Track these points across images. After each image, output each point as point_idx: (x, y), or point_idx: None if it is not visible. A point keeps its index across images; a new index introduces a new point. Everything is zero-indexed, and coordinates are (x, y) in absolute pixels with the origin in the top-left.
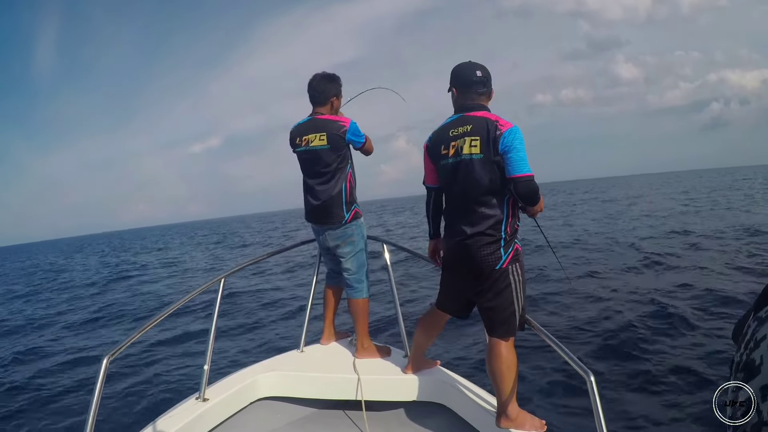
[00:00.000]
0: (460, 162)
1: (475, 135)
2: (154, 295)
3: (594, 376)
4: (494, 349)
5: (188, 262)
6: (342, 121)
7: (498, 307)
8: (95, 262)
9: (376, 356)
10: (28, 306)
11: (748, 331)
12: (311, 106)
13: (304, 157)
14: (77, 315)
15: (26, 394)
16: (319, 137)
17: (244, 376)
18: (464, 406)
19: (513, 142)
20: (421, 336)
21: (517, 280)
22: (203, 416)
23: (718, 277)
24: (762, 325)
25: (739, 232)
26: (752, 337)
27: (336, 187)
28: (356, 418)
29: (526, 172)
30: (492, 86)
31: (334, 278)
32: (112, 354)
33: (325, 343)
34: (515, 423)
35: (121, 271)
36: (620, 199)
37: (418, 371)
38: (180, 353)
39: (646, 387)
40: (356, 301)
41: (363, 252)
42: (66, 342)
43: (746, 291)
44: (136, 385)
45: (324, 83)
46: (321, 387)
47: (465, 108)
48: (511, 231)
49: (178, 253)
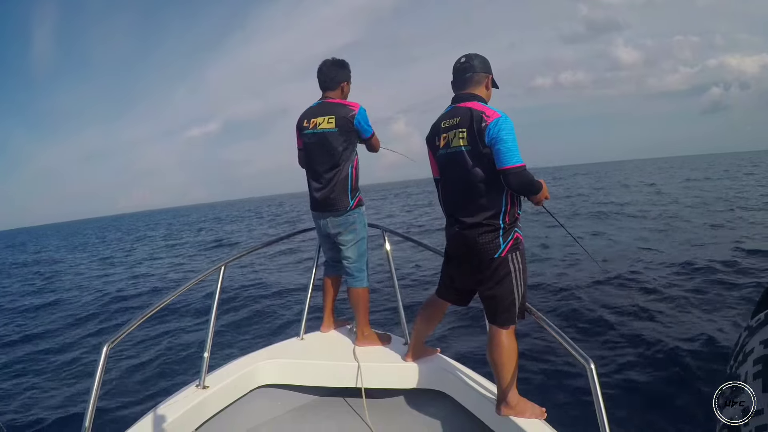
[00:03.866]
0: (452, 154)
1: (462, 127)
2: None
3: (594, 363)
4: (495, 337)
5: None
6: (351, 105)
7: (498, 296)
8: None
9: (376, 344)
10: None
11: (740, 340)
12: (320, 91)
13: (311, 140)
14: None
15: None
16: (327, 120)
17: (244, 363)
18: (464, 394)
19: (499, 134)
20: (421, 324)
21: (517, 269)
22: (203, 404)
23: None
24: (752, 335)
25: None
26: (741, 350)
27: (342, 171)
28: (356, 406)
29: (515, 163)
30: (486, 72)
31: (333, 267)
32: (112, 342)
33: (325, 330)
34: (515, 410)
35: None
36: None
37: (418, 359)
38: (180, 341)
39: (647, 375)
40: (356, 290)
41: (364, 240)
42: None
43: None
44: (136, 373)
45: (335, 69)
46: (321, 375)
47: (456, 98)
48: (510, 220)
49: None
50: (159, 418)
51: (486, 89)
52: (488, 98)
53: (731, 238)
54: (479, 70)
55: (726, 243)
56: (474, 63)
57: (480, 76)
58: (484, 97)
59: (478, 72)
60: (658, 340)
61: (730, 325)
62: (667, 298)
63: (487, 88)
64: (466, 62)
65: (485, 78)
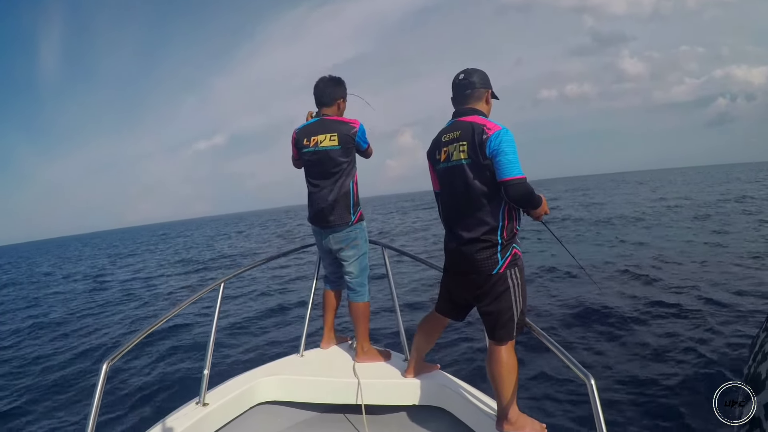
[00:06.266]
0: (452, 167)
1: (463, 140)
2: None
3: (594, 379)
4: (494, 353)
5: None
6: (352, 122)
7: (497, 312)
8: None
9: (376, 360)
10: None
11: (757, 341)
12: (316, 108)
13: (312, 158)
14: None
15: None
16: (330, 137)
17: (244, 380)
18: (464, 410)
19: (500, 146)
20: (421, 339)
21: (515, 284)
22: (203, 421)
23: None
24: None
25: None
26: (760, 349)
27: (344, 187)
28: (356, 422)
29: (516, 174)
30: (485, 86)
31: (333, 282)
32: (111, 359)
33: (325, 347)
34: (515, 426)
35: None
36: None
37: (418, 375)
38: (179, 358)
39: (647, 390)
40: (357, 305)
41: (365, 255)
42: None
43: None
44: (135, 390)
45: (331, 86)
46: (321, 391)
47: (457, 113)
48: (509, 236)
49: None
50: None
51: (486, 103)
52: (488, 112)
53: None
54: (479, 85)
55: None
56: (473, 79)
57: (480, 91)
58: (484, 111)
59: (477, 88)
60: (660, 353)
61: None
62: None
63: (487, 102)
64: (465, 78)
65: (485, 93)
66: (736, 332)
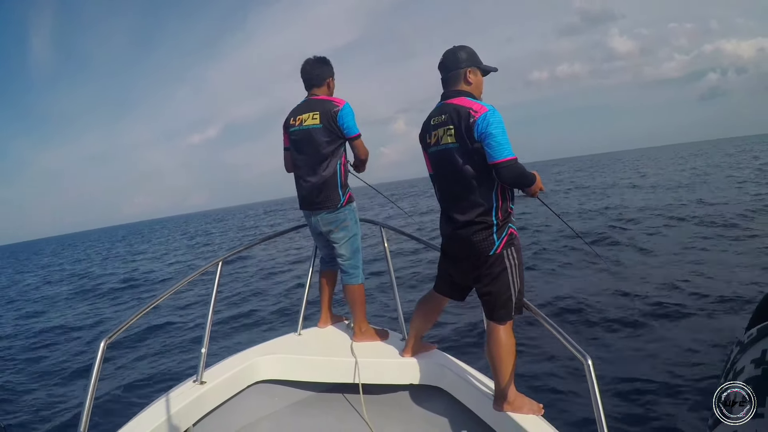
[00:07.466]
0: (442, 151)
1: (450, 124)
2: None
3: (591, 359)
4: (493, 334)
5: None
6: (336, 101)
7: (495, 292)
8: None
9: (373, 340)
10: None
11: (731, 357)
12: (306, 91)
13: (297, 137)
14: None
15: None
16: (312, 116)
17: (242, 359)
18: (462, 390)
19: (488, 128)
20: (419, 320)
21: (512, 264)
22: (201, 399)
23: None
24: (743, 352)
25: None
26: (732, 367)
27: (329, 168)
28: (354, 401)
29: (506, 156)
30: (473, 64)
31: (328, 263)
32: (109, 337)
33: (322, 326)
34: (513, 406)
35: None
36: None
37: (416, 355)
38: (177, 336)
39: (645, 371)
40: (352, 287)
41: (357, 237)
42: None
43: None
44: (133, 368)
45: (319, 66)
46: (318, 370)
47: (445, 95)
48: (503, 216)
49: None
50: (157, 413)
51: (473, 82)
52: (478, 89)
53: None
54: (464, 64)
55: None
56: (459, 56)
57: (465, 70)
58: (471, 92)
59: (463, 66)
60: (658, 338)
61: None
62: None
63: (475, 80)
64: (450, 56)
65: (473, 70)
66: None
